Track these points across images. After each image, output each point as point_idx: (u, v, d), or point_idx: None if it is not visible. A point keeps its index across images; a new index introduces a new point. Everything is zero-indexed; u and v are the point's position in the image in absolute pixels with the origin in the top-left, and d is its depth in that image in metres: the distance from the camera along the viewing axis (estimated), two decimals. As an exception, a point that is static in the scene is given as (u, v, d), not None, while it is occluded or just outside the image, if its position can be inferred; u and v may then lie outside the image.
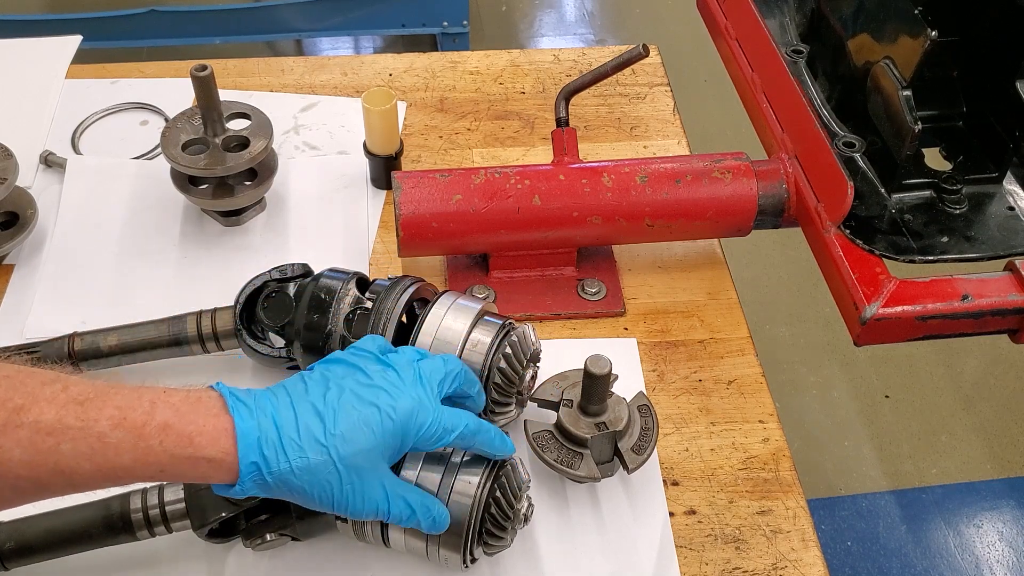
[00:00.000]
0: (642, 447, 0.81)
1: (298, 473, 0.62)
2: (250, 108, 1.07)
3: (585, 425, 0.80)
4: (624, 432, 0.81)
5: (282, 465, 0.62)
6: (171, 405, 0.61)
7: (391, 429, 0.65)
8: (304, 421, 0.63)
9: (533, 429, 0.82)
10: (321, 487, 0.63)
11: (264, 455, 0.61)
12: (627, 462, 0.80)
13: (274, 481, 0.62)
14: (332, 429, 0.63)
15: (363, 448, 0.64)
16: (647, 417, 0.83)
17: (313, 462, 0.62)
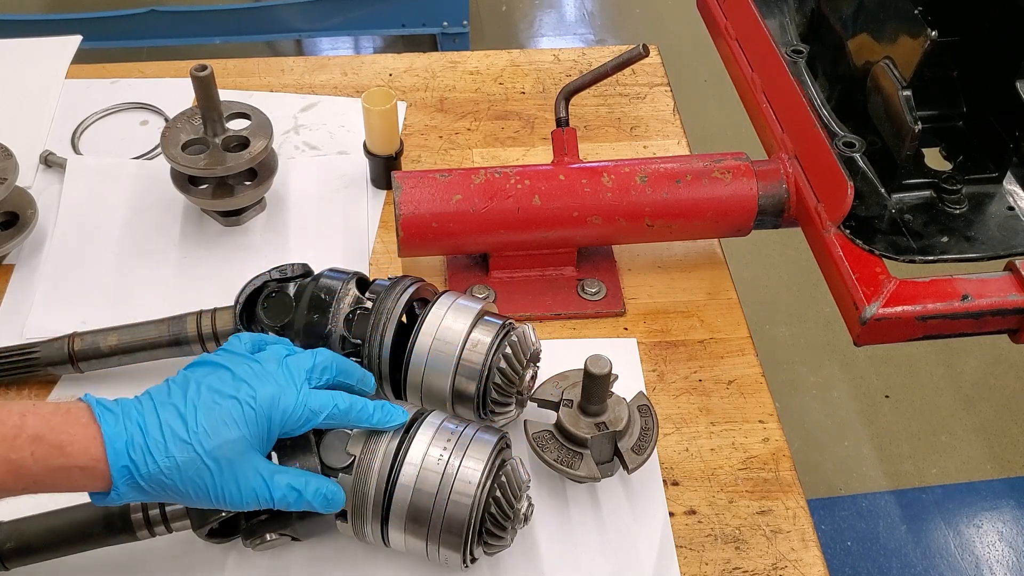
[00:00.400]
0: (642, 447, 0.81)
1: (168, 473, 0.63)
2: (250, 108, 1.07)
3: (585, 425, 0.80)
4: (624, 432, 0.81)
5: (151, 467, 0.63)
6: (41, 416, 0.61)
7: (253, 417, 0.66)
8: (167, 422, 0.64)
9: (533, 429, 0.82)
10: (195, 484, 0.64)
11: (132, 459, 0.62)
12: (627, 462, 0.80)
13: (147, 484, 0.63)
14: (194, 426, 0.64)
15: (228, 439, 0.65)
16: (647, 417, 0.83)
17: (180, 460, 0.63)
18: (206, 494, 0.65)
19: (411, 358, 0.81)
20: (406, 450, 0.72)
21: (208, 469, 0.64)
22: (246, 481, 0.66)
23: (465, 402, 0.81)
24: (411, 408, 0.76)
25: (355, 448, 0.73)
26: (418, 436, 0.73)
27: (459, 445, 0.73)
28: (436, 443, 0.73)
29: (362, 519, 0.72)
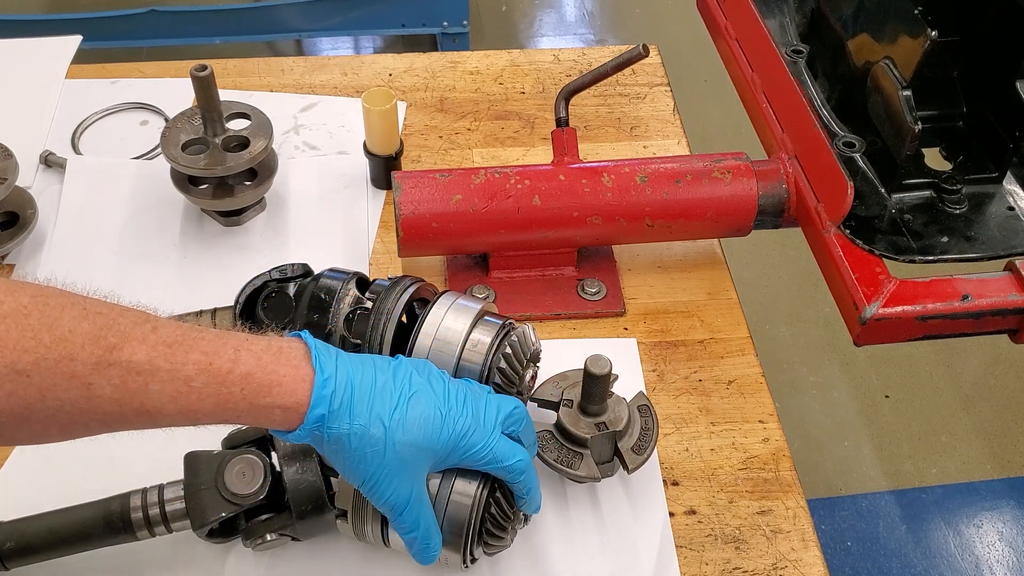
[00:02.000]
0: (642, 447, 0.81)
1: (352, 439, 0.64)
2: (250, 108, 1.08)
3: (585, 425, 0.80)
4: (624, 432, 0.81)
5: (343, 427, 0.63)
6: (254, 354, 0.62)
7: (445, 439, 0.67)
8: (378, 395, 0.65)
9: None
10: (364, 459, 0.65)
11: (332, 411, 0.63)
12: (627, 462, 0.80)
13: (328, 438, 0.64)
14: (399, 414, 0.65)
15: (416, 443, 0.66)
16: (647, 417, 0.83)
17: (370, 434, 0.64)
18: (363, 474, 0.65)
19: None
20: (406, 450, 0.72)
21: (383, 457, 0.65)
22: (400, 487, 0.66)
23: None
24: None
25: (355, 448, 0.72)
26: (418, 436, 0.73)
27: (459, 445, 0.73)
28: (436, 443, 0.73)
29: (362, 519, 0.72)
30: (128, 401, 0.57)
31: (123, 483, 0.75)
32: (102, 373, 0.56)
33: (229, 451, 0.74)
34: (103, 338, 0.57)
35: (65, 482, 0.82)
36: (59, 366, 0.55)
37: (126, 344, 0.57)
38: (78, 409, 0.56)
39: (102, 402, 0.57)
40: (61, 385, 0.55)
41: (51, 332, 0.55)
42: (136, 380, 0.57)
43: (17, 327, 0.54)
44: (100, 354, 0.56)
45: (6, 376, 0.54)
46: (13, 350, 0.54)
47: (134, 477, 0.76)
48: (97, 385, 0.56)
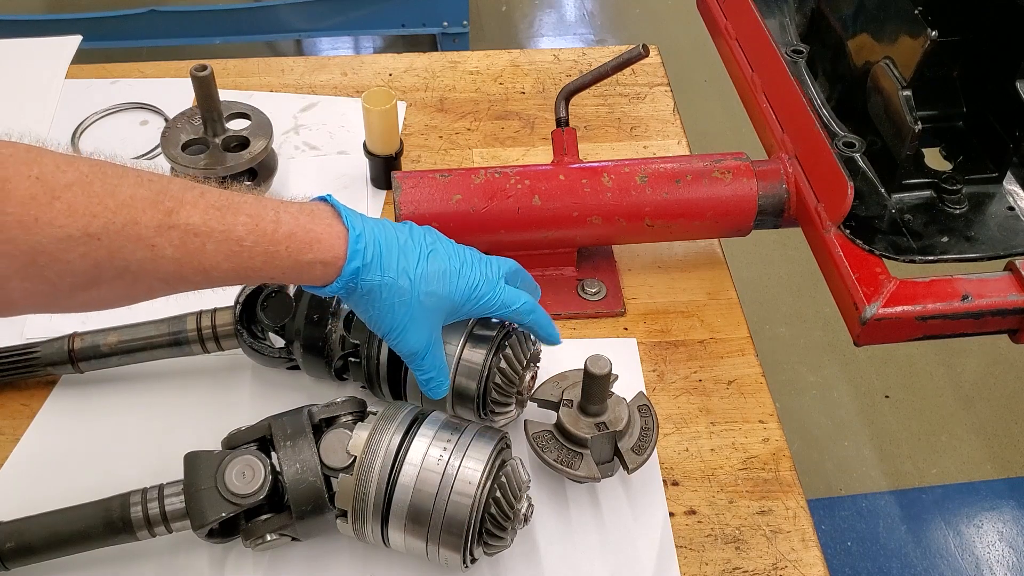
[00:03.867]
0: (642, 447, 0.81)
1: (383, 290, 0.71)
2: (250, 108, 1.08)
3: (585, 425, 0.80)
4: (624, 432, 0.81)
5: (375, 278, 0.70)
6: (291, 215, 0.68)
7: (461, 290, 0.74)
8: (402, 250, 0.72)
9: (533, 429, 0.82)
10: (393, 309, 0.72)
11: (365, 264, 0.70)
12: (627, 462, 0.80)
13: (362, 289, 0.70)
14: (422, 267, 0.73)
15: (436, 292, 0.73)
16: (647, 417, 0.83)
17: (398, 284, 0.71)
18: (390, 321, 0.72)
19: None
20: (406, 450, 0.72)
21: (409, 306, 0.72)
22: (420, 332, 0.73)
23: (465, 402, 0.81)
24: (411, 408, 0.77)
25: (355, 448, 0.73)
26: (418, 436, 0.73)
27: (459, 445, 0.73)
28: (436, 443, 0.73)
29: (362, 519, 0.72)
30: (188, 261, 0.62)
31: (123, 483, 0.75)
32: (164, 235, 0.61)
33: (229, 451, 0.74)
34: (160, 203, 0.61)
35: (65, 482, 0.82)
36: (125, 229, 0.59)
37: (182, 208, 0.62)
38: (144, 270, 0.61)
39: (164, 263, 0.61)
40: (128, 247, 0.60)
41: (114, 198, 0.59)
42: (194, 241, 0.62)
43: (84, 194, 0.58)
44: (160, 218, 0.61)
45: (79, 239, 0.58)
46: (83, 215, 0.58)
47: (134, 477, 0.76)
48: (160, 247, 0.61)
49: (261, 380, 0.92)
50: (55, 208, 0.57)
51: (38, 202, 0.57)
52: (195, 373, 0.92)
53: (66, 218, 0.57)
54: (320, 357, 0.84)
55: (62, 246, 0.57)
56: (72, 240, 0.58)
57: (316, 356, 0.84)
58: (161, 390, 0.91)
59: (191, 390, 0.91)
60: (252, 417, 0.77)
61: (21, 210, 0.56)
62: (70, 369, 0.88)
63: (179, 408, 0.90)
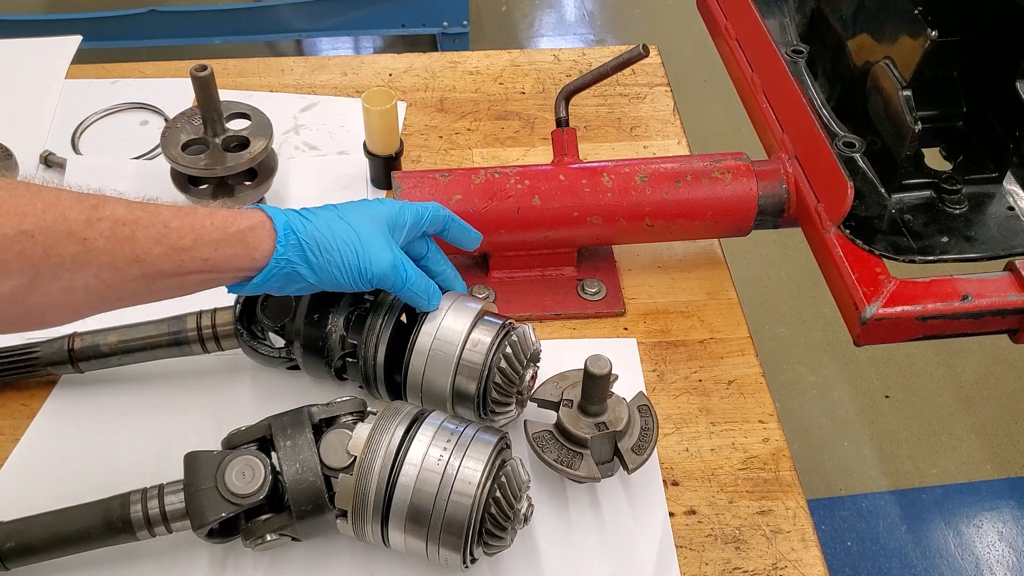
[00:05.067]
0: (642, 447, 0.81)
1: (322, 230, 0.74)
2: (250, 108, 1.08)
3: (585, 425, 0.80)
4: (624, 432, 0.81)
5: (308, 225, 0.73)
6: (212, 207, 0.71)
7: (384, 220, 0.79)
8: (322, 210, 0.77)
9: (533, 429, 0.82)
10: (343, 243, 0.74)
11: (293, 225, 0.73)
12: (627, 462, 0.80)
13: (304, 236, 0.73)
14: (345, 212, 0.77)
15: (369, 215, 0.77)
16: (647, 417, 0.83)
17: (332, 221, 0.75)
18: (352, 255, 0.74)
19: (411, 358, 0.81)
20: (406, 450, 0.72)
21: (355, 232, 0.75)
22: (382, 251, 0.76)
23: (465, 402, 0.81)
24: (411, 408, 0.77)
25: (355, 448, 0.73)
26: (418, 436, 0.73)
27: (459, 445, 0.73)
28: (436, 443, 0.73)
29: (362, 519, 0.72)
30: (119, 250, 0.64)
31: (123, 483, 0.75)
32: (94, 227, 0.63)
33: (229, 451, 0.74)
34: (85, 200, 0.63)
35: (65, 482, 0.82)
36: (56, 225, 0.61)
37: (105, 204, 0.64)
38: (78, 264, 0.62)
39: (98, 254, 0.63)
40: (61, 242, 0.61)
41: (41, 199, 0.61)
42: (123, 230, 0.64)
43: (11, 196, 0.60)
44: (88, 212, 0.63)
45: (15, 237, 0.59)
46: (15, 213, 0.60)
47: (134, 477, 0.76)
48: (92, 239, 0.62)
49: (261, 380, 0.92)
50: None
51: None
52: (195, 373, 0.92)
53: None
54: (320, 357, 0.84)
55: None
56: (7, 240, 0.59)
57: (316, 356, 0.84)
58: (161, 390, 0.91)
59: (191, 390, 0.91)
60: (252, 417, 0.77)
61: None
62: (70, 369, 0.88)
63: (179, 408, 0.90)
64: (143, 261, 0.65)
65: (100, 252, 0.63)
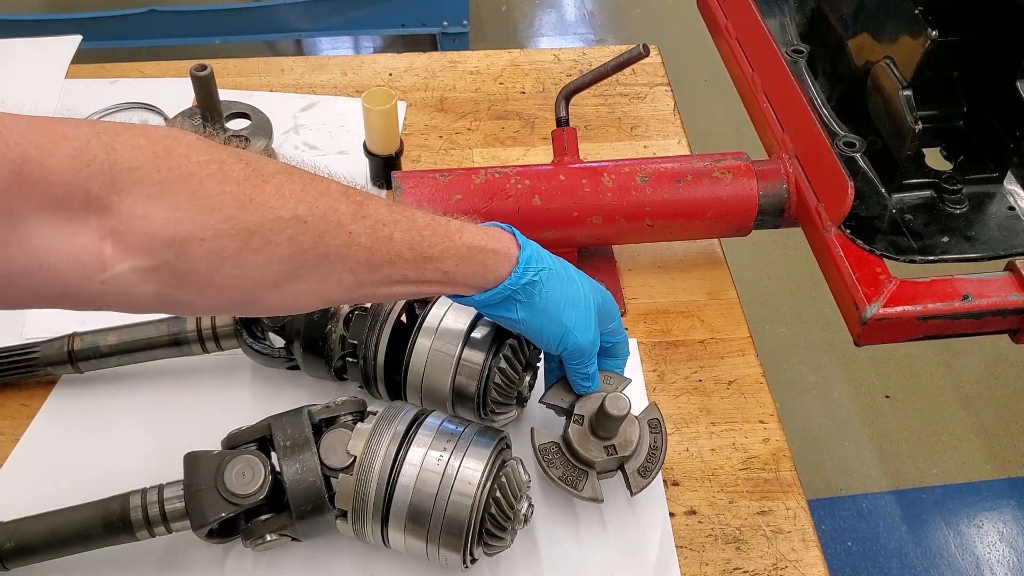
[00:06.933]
0: (648, 470, 0.79)
1: (555, 279, 0.73)
2: (250, 108, 1.08)
3: (594, 447, 0.78)
4: (632, 455, 0.79)
5: (546, 265, 0.73)
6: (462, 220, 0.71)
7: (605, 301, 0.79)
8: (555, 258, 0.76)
9: (540, 440, 0.80)
10: (567, 302, 0.74)
11: (535, 261, 0.72)
12: (631, 485, 0.79)
13: (541, 276, 0.72)
14: (577, 274, 0.77)
15: (592, 288, 0.77)
16: (656, 434, 0.81)
17: (566, 275, 0.75)
18: (570, 319, 0.74)
19: (411, 358, 0.81)
20: (406, 451, 0.72)
21: (582, 298, 0.75)
22: (591, 328, 0.76)
23: (465, 402, 0.81)
24: (411, 408, 0.76)
25: (355, 448, 0.72)
26: (418, 437, 0.73)
27: (459, 446, 0.73)
28: (436, 444, 0.73)
29: (362, 519, 0.72)
30: (377, 249, 0.64)
31: (123, 483, 0.75)
32: (359, 222, 0.63)
33: (229, 451, 0.74)
34: (351, 196, 0.63)
35: (65, 482, 0.82)
36: (327, 215, 0.61)
37: (368, 201, 0.64)
38: (340, 256, 0.62)
39: (358, 250, 0.63)
40: (330, 232, 0.61)
41: (314, 187, 0.61)
42: (383, 230, 0.64)
43: (289, 181, 0.60)
44: (354, 208, 0.63)
45: (289, 221, 0.59)
46: (291, 198, 0.59)
47: (134, 477, 0.76)
48: (356, 233, 0.62)
49: (261, 380, 0.92)
50: (266, 190, 0.58)
51: (251, 183, 0.57)
52: (195, 373, 0.92)
53: (277, 200, 0.58)
54: (320, 357, 0.84)
55: (274, 227, 0.58)
56: (283, 222, 0.58)
57: (316, 356, 0.84)
58: (161, 390, 0.91)
59: (191, 390, 0.91)
60: (252, 417, 0.77)
61: (237, 189, 0.57)
62: (70, 369, 0.88)
63: (179, 408, 0.90)
64: (394, 263, 0.65)
65: (361, 248, 0.63)
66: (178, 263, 0.55)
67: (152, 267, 0.55)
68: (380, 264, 0.64)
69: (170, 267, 0.55)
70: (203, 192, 0.55)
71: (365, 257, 0.63)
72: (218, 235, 0.56)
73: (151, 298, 0.57)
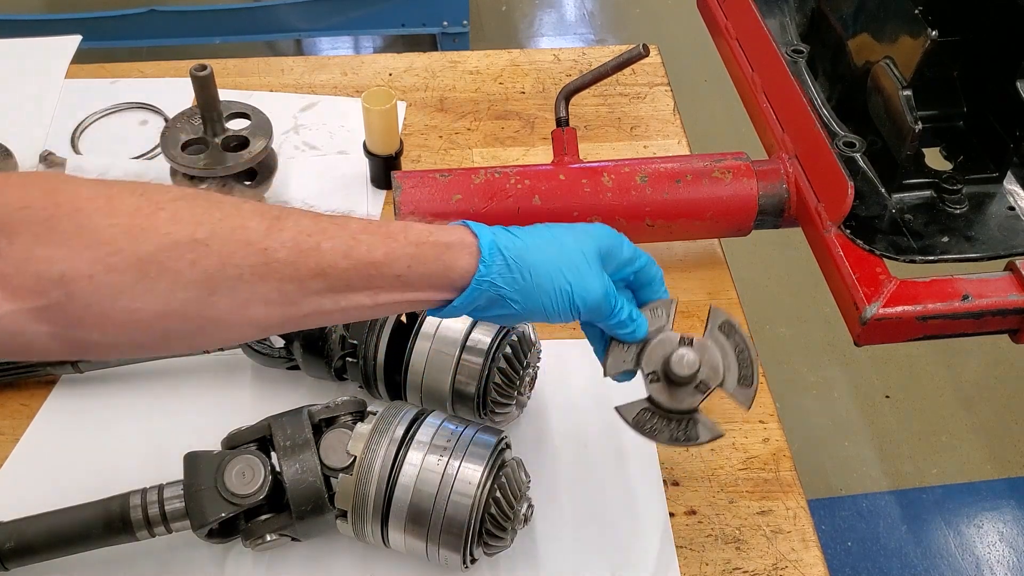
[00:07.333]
0: (747, 376, 0.71)
1: (533, 250, 0.66)
2: (250, 108, 1.07)
3: (684, 394, 0.71)
4: (724, 376, 0.71)
5: (517, 243, 0.66)
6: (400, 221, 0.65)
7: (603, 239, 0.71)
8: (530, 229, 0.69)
9: (630, 414, 0.72)
10: (555, 267, 0.66)
11: (500, 243, 0.65)
12: (742, 402, 0.71)
13: (512, 255, 0.65)
14: (555, 230, 0.69)
15: (585, 234, 0.69)
16: (734, 336, 0.72)
17: (544, 240, 0.67)
18: (565, 282, 0.66)
19: (411, 358, 0.81)
20: (406, 451, 0.72)
21: (569, 255, 0.67)
22: (596, 278, 0.67)
23: (465, 402, 0.81)
24: (411, 408, 0.76)
25: (355, 448, 0.73)
26: (418, 436, 0.73)
27: (459, 446, 0.73)
28: (436, 444, 0.73)
29: (362, 519, 0.72)
30: (303, 262, 0.59)
31: (123, 483, 0.75)
32: (274, 236, 0.58)
33: (229, 451, 0.74)
34: (266, 212, 0.59)
35: (65, 482, 0.82)
36: (234, 234, 0.57)
37: (290, 215, 0.60)
38: (258, 276, 0.58)
39: (279, 266, 0.58)
40: (239, 252, 0.57)
41: (219, 209, 0.58)
42: (307, 240, 0.59)
43: (188, 206, 0.57)
44: (268, 223, 0.58)
45: (187, 244, 0.55)
46: (188, 223, 0.56)
47: (134, 477, 0.76)
48: (272, 248, 0.58)
49: (261, 380, 0.92)
50: (160, 217, 0.55)
51: (143, 212, 0.55)
52: (195, 373, 0.92)
53: (172, 225, 0.55)
54: (320, 357, 0.84)
55: (170, 254, 0.55)
56: (179, 247, 0.55)
57: (316, 356, 0.84)
58: (161, 390, 0.91)
59: (191, 390, 0.91)
60: (252, 417, 0.77)
61: (128, 220, 0.54)
62: (70, 369, 0.88)
63: (179, 408, 0.90)
64: (328, 274, 0.59)
65: (281, 263, 0.58)
66: (68, 302, 0.53)
67: (41, 307, 0.53)
68: (309, 277, 0.59)
69: (60, 306, 0.53)
70: (90, 226, 0.53)
71: (289, 273, 0.58)
72: (108, 269, 0.53)
73: (48, 339, 0.54)
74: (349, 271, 0.60)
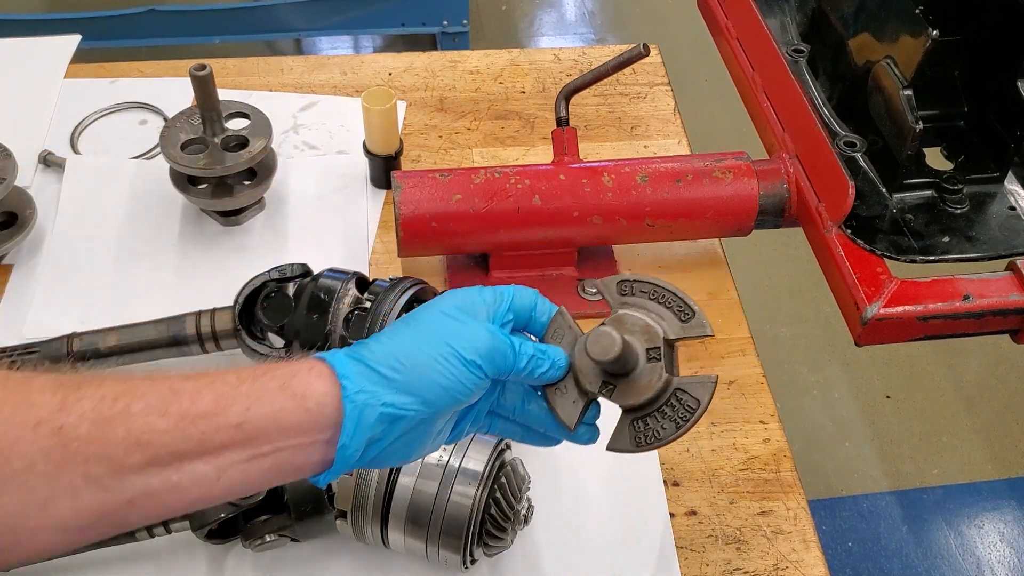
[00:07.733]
0: (683, 309, 0.66)
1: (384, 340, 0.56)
2: (249, 108, 1.07)
3: (649, 375, 0.63)
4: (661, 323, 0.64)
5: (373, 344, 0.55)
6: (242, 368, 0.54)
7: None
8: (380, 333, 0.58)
9: (623, 441, 0.63)
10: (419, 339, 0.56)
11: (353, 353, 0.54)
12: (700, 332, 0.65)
13: (370, 356, 0.54)
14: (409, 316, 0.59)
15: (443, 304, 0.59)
16: (638, 289, 0.65)
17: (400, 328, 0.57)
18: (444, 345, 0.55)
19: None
20: (406, 451, 0.72)
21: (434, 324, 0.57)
22: (473, 328, 0.57)
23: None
24: None
25: (354, 449, 0.72)
26: (418, 437, 0.73)
27: (459, 446, 0.73)
28: (436, 444, 0.72)
29: (362, 520, 0.72)
30: (110, 434, 0.48)
31: (122, 484, 0.75)
32: (71, 410, 0.47)
33: (228, 452, 0.74)
34: (63, 383, 0.49)
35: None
36: (17, 416, 0.46)
37: (92, 381, 0.49)
38: (54, 463, 0.46)
39: (80, 446, 0.47)
40: (26, 438, 0.46)
41: (4, 388, 0.48)
42: (113, 406, 0.48)
43: None
44: (63, 395, 0.48)
45: None
46: None
47: (133, 478, 0.76)
48: (69, 425, 0.47)
49: (260, 380, 0.91)
50: None
51: None
52: (194, 373, 0.92)
53: None
54: (319, 357, 0.84)
55: None
56: None
57: (315, 356, 0.84)
58: (160, 390, 0.91)
59: (190, 390, 0.91)
60: (251, 417, 0.77)
61: None
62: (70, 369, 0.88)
63: (178, 408, 0.89)
64: (145, 443, 0.48)
65: (83, 441, 0.47)
66: None
67: None
68: (123, 452, 0.47)
69: None
70: None
71: (96, 452, 0.47)
72: None
73: None
74: (171, 432, 0.48)
